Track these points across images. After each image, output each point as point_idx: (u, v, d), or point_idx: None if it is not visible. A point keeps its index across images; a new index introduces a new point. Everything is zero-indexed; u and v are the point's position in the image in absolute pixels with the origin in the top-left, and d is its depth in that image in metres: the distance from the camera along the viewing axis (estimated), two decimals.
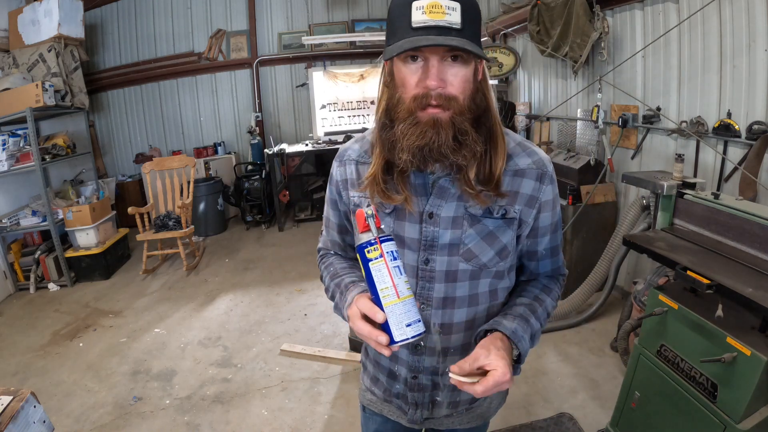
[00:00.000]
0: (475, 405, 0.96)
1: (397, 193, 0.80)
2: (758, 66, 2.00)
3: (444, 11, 0.67)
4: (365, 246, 0.68)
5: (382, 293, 0.67)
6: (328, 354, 2.65)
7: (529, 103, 4.05)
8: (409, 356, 0.89)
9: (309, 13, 5.59)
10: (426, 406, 0.93)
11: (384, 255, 0.67)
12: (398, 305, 0.67)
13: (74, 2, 4.10)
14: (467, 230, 0.80)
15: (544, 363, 2.46)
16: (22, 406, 1.06)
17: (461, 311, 0.84)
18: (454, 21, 0.67)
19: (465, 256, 0.81)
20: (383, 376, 0.96)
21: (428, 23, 0.67)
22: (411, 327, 0.67)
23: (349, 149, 0.91)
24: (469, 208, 0.80)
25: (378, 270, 0.67)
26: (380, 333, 0.67)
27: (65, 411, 2.29)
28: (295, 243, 4.72)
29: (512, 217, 0.81)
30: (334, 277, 0.90)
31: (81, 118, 4.62)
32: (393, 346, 0.67)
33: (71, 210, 3.81)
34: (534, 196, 0.82)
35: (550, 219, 0.86)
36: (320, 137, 5.55)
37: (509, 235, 0.82)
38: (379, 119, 0.79)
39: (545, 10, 3.16)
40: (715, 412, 1.35)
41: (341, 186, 0.91)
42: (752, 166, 1.98)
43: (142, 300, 3.57)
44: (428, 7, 0.66)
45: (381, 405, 1.00)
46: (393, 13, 0.72)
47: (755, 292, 1.29)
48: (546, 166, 0.83)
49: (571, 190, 2.97)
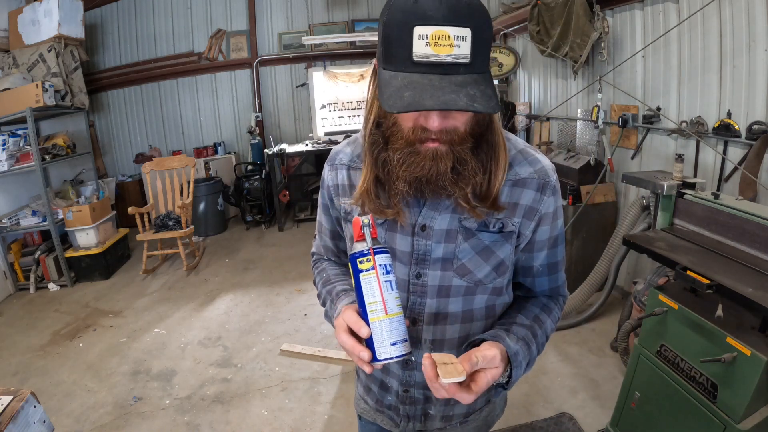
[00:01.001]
0: (471, 419, 0.91)
1: (388, 207, 0.75)
2: (758, 66, 2.00)
3: (452, 43, 0.58)
4: (357, 256, 0.65)
5: (370, 307, 0.64)
6: (328, 354, 2.65)
7: (529, 103, 4.05)
8: (401, 370, 0.85)
9: (309, 13, 5.58)
10: (418, 419, 0.89)
11: (376, 267, 0.64)
12: (385, 322, 0.63)
13: (74, 2, 4.10)
14: (461, 244, 0.75)
15: (544, 363, 2.46)
16: (22, 406, 1.06)
17: (454, 327, 0.80)
18: (463, 54, 0.59)
19: (459, 272, 0.76)
20: (375, 387, 0.93)
21: (432, 59, 0.58)
22: (396, 346, 0.63)
23: (340, 152, 0.87)
24: (463, 221, 0.75)
25: (368, 282, 0.64)
26: (363, 349, 0.64)
27: (65, 411, 2.29)
28: (295, 243, 4.72)
29: (510, 230, 0.76)
30: (326, 284, 0.87)
31: (81, 118, 4.62)
32: (375, 363, 0.64)
33: (71, 210, 3.81)
34: (534, 208, 0.76)
35: (549, 233, 0.80)
36: (320, 137, 5.55)
37: (507, 250, 0.77)
38: (369, 132, 0.73)
39: (545, 10, 3.16)
40: (715, 412, 1.35)
41: (332, 191, 0.87)
42: (752, 166, 1.98)
43: (142, 300, 3.57)
44: (433, 38, 0.58)
45: (374, 414, 0.97)
46: (390, 30, 0.61)
47: (755, 292, 1.29)
48: (549, 175, 0.76)
49: (571, 190, 2.97)
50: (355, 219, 0.67)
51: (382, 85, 0.63)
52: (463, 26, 0.58)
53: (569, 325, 2.78)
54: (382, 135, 0.71)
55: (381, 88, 0.63)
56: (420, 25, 0.58)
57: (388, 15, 0.61)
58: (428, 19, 0.57)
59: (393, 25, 0.60)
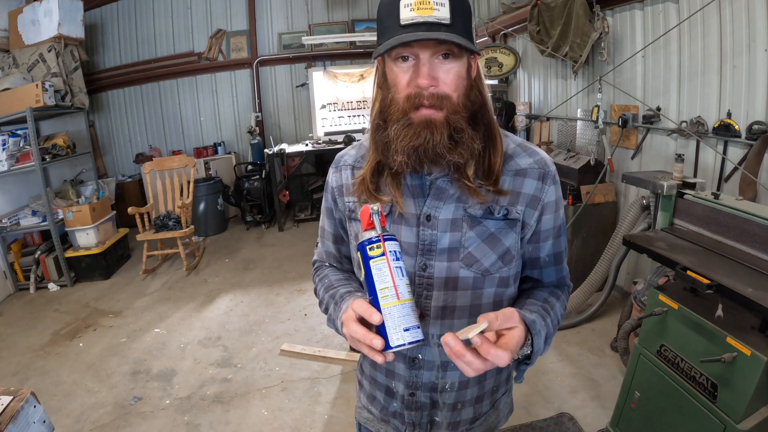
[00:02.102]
0: (477, 424, 0.89)
1: (386, 195, 0.77)
2: (758, 66, 2.00)
3: (432, 7, 0.66)
4: (367, 243, 0.65)
5: (381, 293, 0.63)
6: (328, 354, 2.65)
7: (529, 103, 4.05)
8: (407, 371, 0.83)
9: (309, 13, 5.59)
10: (424, 427, 0.87)
11: (386, 253, 0.64)
12: (397, 307, 0.62)
13: (74, 2, 4.10)
14: (467, 233, 0.76)
15: (544, 363, 2.46)
16: (22, 406, 1.06)
17: (462, 322, 0.78)
18: (443, 16, 0.66)
19: (465, 261, 0.77)
20: (381, 394, 0.91)
21: (416, 20, 0.66)
22: (409, 332, 0.62)
23: (345, 155, 0.90)
24: (468, 209, 0.76)
25: (379, 269, 0.64)
26: (375, 336, 0.63)
27: (65, 411, 2.29)
28: (295, 243, 4.72)
29: (514, 218, 0.77)
30: (328, 289, 0.85)
31: (81, 118, 4.62)
32: (388, 352, 0.63)
33: (71, 210, 3.82)
34: (536, 197, 0.78)
35: (553, 222, 0.81)
36: (320, 137, 5.54)
37: (512, 238, 0.78)
38: (373, 120, 0.77)
39: (545, 10, 3.16)
40: (715, 412, 1.35)
41: (336, 192, 0.88)
42: (752, 166, 1.98)
43: (142, 300, 3.57)
44: (416, 4, 0.66)
45: (378, 424, 0.94)
46: (382, 12, 0.71)
47: (755, 292, 1.29)
48: (548, 166, 0.80)
49: (571, 190, 2.97)
50: (364, 207, 0.67)
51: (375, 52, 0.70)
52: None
53: (569, 325, 2.78)
54: (383, 119, 0.75)
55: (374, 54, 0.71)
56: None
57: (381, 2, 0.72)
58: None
59: (384, 6, 0.70)
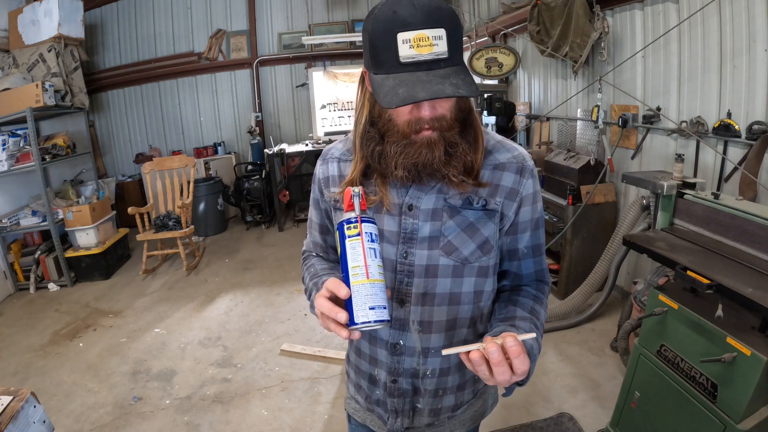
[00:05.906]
0: (459, 412, 0.93)
1: (374, 195, 0.81)
2: (758, 66, 2.00)
3: (431, 43, 0.66)
4: (345, 222, 0.67)
5: (352, 271, 0.65)
6: (328, 354, 2.65)
7: (529, 103, 4.05)
8: (389, 357, 0.87)
9: (309, 13, 5.59)
10: (407, 414, 0.90)
11: (362, 234, 0.66)
12: (365, 285, 0.64)
13: (74, 2, 4.10)
14: (447, 222, 0.80)
15: (544, 363, 2.46)
16: (22, 406, 1.06)
17: (441, 309, 0.83)
18: (442, 51, 0.67)
19: (445, 249, 0.80)
20: (365, 382, 0.94)
21: (417, 58, 0.66)
22: (374, 311, 0.64)
23: (332, 148, 0.93)
24: (448, 199, 0.80)
25: (353, 248, 0.66)
26: (340, 310, 0.65)
27: (65, 411, 2.29)
28: (295, 243, 4.72)
29: (493, 208, 0.81)
30: (313, 277, 0.88)
31: (81, 118, 4.62)
32: (352, 327, 0.64)
33: (71, 210, 3.82)
34: (515, 189, 0.82)
35: (531, 214, 0.85)
36: (320, 137, 5.55)
37: (491, 228, 0.82)
38: (362, 129, 0.79)
39: (545, 10, 3.16)
40: (715, 412, 1.35)
41: (323, 184, 0.92)
42: (752, 166, 1.98)
43: (142, 300, 3.57)
44: (415, 41, 0.66)
45: (364, 414, 0.98)
46: (376, 39, 0.68)
47: (755, 292, 1.29)
48: (526, 160, 0.83)
49: (571, 190, 2.97)
50: (346, 189, 0.70)
51: (376, 88, 0.69)
52: (439, 27, 0.66)
53: (569, 325, 2.78)
54: (378, 132, 0.77)
55: (376, 90, 0.69)
56: (402, 32, 0.66)
57: (372, 26, 0.69)
58: (408, 25, 0.66)
59: (378, 35, 0.68)
